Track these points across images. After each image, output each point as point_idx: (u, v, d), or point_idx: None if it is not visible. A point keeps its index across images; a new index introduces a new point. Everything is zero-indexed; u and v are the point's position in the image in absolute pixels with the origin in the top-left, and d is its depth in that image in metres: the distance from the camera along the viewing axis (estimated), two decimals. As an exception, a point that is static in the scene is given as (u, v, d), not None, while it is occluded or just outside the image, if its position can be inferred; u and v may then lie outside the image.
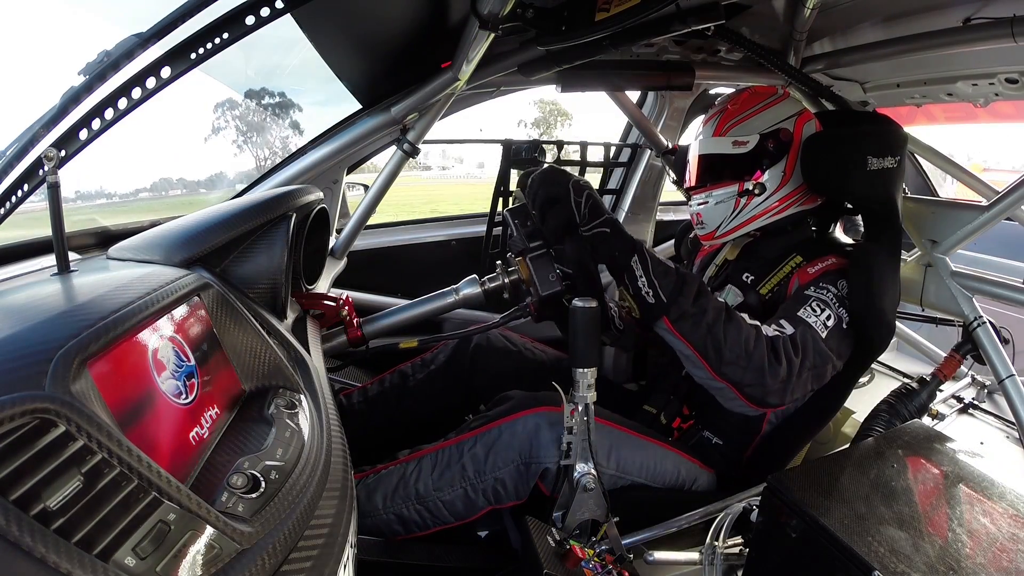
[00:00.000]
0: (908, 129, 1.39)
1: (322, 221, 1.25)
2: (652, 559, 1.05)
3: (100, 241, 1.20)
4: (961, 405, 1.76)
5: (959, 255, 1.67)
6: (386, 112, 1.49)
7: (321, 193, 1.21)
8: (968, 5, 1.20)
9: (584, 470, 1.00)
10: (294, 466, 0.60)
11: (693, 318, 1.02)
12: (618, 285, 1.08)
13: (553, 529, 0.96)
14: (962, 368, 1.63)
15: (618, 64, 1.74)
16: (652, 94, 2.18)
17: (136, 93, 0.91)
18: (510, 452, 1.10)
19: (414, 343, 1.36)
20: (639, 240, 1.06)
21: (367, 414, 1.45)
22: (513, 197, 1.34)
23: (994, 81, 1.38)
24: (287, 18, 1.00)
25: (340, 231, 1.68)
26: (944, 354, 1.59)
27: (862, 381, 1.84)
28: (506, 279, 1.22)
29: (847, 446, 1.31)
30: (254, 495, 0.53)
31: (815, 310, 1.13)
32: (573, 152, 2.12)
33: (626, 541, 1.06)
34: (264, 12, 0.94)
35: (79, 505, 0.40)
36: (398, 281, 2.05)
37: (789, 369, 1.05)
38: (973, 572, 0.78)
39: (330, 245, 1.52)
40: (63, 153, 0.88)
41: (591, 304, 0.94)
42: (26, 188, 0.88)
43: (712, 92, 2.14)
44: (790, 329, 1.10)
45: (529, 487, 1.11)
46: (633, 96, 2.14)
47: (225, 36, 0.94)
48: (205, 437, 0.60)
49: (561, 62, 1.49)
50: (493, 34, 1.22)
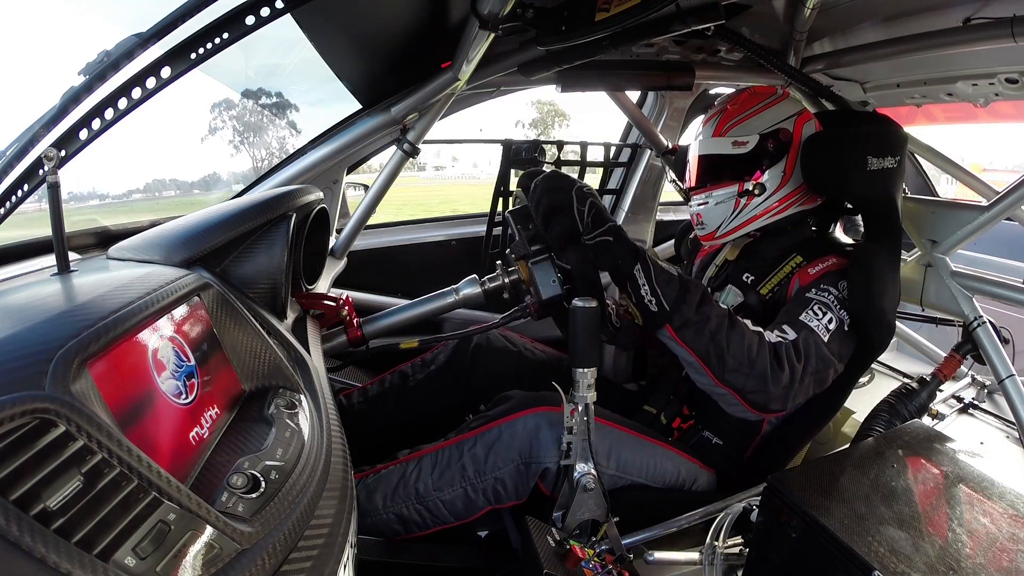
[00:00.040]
0: (908, 129, 1.39)
1: (322, 221, 1.25)
2: (652, 559, 1.05)
3: (100, 241, 1.20)
4: (961, 405, 1.76)
5: (959, 255, 1.67)
6: (386, 112, 1.49)
7: (321, 193, 1.21)
8: (968, 5, 1.20)
9: (584, 470, 1.00)
10: (294, 466, 0.60)
11: (696, 326, 1.02)
12: (620, 292, 1.08)
13: (553, 529, 0.96)
14: (962, 368, 1.63)
15: (618, 64, 1.74)
16: (652, 94, 2.17)
17: (136, 93, 0.91)
18: (510, 452, 1.10)
19: (414, 343, 1.35)
20: (642, 247, 1.06)
21: (367, 414, 1.45)
22: (514, 197, 1.34)
23: (994, 81, 1.38)
24: (287, 18, 1.00)
25: (340, 231, 1.68)
26: (944, 354, 1.59)
27: (862, 381, 1.84)
28: (506, 279, 1.22)
29: (847, 446, 1.31)
30: (254, 495, 0.53)
31: (817, 313, 1.13)
32: (571, 152, 2.12)
33: (626, 541, 1.06)
34: (264, 12, 0.94)
35: (79, 505, 0.40)
36: (398, 281, 2.05)
37: (792, 375, 1.05)
38: (973, 572, 0.78)
39: (330, 245, 1.52)
40: (63, 153, 0.88)
41: (591, 304, 0.94)
42: (26, 188, 0.88)
43: (712, 92, 2.14)
44: (792, 334, 1.10)
45: (529, 487, 1.11)
46: (633, 96, 2.14)
47: (225, 36, 0.94)
48: (205, 437, 0.60)
49: (561, 62, 1.49)
50: (493, 34, 1.22)
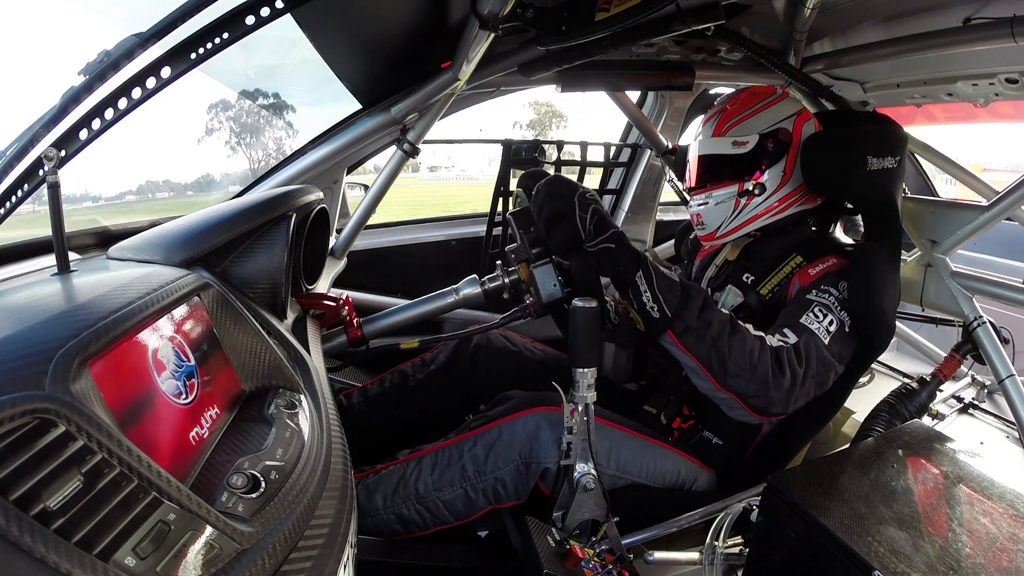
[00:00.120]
0: (908, 129, 1.39)
1: (322, 221, 1.25)
2: (652, 559, 1.05)
3: (100, 241, 1.20)
4: (961, 405, 1.76)
5: (959, 255, 1.67)
6: (386, 112, 1.49)
7: (321, 193, 1.21)
8: (968, 5, 1.20)
9: (584, 470, 1.00)
10: (294, 466, 0.60)
11: (698, 332, 1.02)
12: (622, 299, 1.08)
13: (553, 529, 0.96)
14: (962, 368, 1.63)
15: (618, 64, 1.74)
16: (652, 94, 2.17)
17: (136, 93, 0.91)
18: (510, 452, 1.10)
19: (415, 344, 1.35)
20: (644, 254, 1.06)
21: (367, 414, 1.45)
22: (514, 196, 1.34)
23: (994, 81, 1.37)
24: (287, 18, 1.00)
25: (340, 231, 1.68)
26: (944, 354, 1.59)
27: (862, 381, 1.84)
28: (506, 279, 1.22)
29: (847, 446, 1.30)
30: (254, 495, 0.53)
31: (818, 316, 1.13)
32: (571, 152, 2.12)
33: (626, 541, 1.06)
34: (264, 12, 0.95)
35: (79, 505, 0.40)
36: (398, 281, 2.05)
37: (792, 379, 1.05)
38: (973, 572, 0.78)
39: (330, 245, 1.52)
40: (63, 153, 0.88)
41: (591, 304, 0.94)
42: (26, 188, 0.88)
43: (712, 92, 2.14)
44: (793, 338, 1.10)
45: (529, 487, 1.11)
46: (633, 96, 2.14)
47: (225, 36, 0.94)
48: (205, 437, 0.60)
49: (561, 62, 1.49)
50: (493, 34, 1.22)
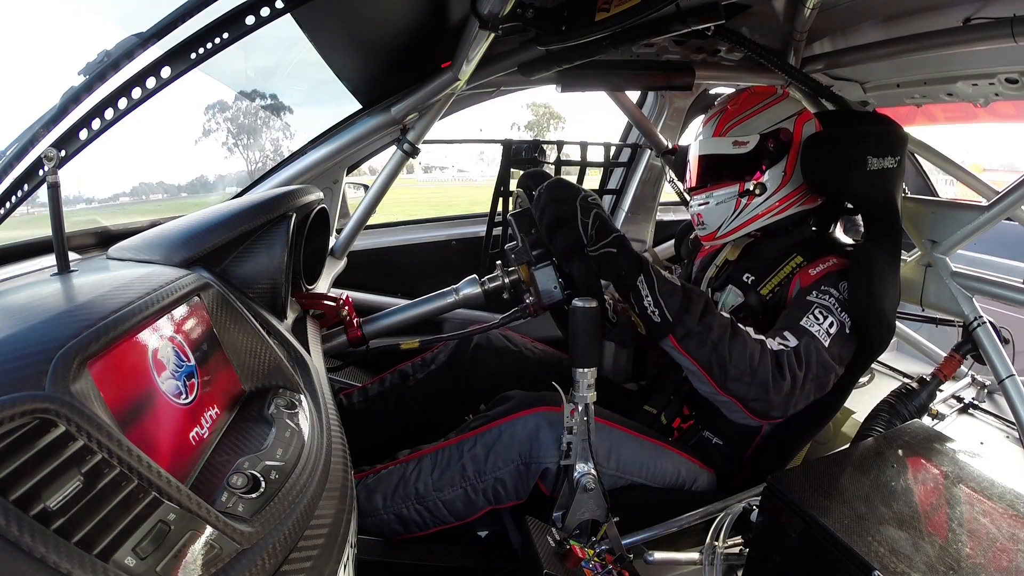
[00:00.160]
0: (908, 129, 1.39)
1: (322, 221, 1.25)
2: (652, 559, 1.05)
3: (100, 241, 1.20)
4: (961, 405, 1.76)
5: (959, 255, 1.67)
6: (386, 112, 1.49)
7: (321, 193, 1.21)
8: (968, 5, 1.20)
9: (584, 470, 1.00)
10: (294, 466, 0.60)
11: (698, 336, 1.02)
12: (623, 302, 1.08)
13: (553, 529, 0.96)
14: (962, 368, 1.63)
15: (618, 64, 1.74)
16: (652, 94, 2.17)
17: (136, 93, 0.91)
18: (510, 452, 1.10)
19: (415, 344, 1.35)
20: (645, 258, 1.06)
21: (367, 414, 1.45)
22: (515, 197, 1.34)
23: (994, 81, 1.37)
24: (287, 18, 1.00)
25: (340, 231, 1.68)
26: (944, 354, 1.59)
27: (862, 381, 1.84)
28: (506, 279, 1.22)
29: (847, 446, 1.30)
30: (254, 495, 0.53)
31: (818, 318, 1.13)
32: (567, 152, 2.12)
33: (626, 541, 1.06)
34: (264, 12, 0.95)
35: (79, 505, 0.40)
36: (398, 281, 2.05)
37: (793, 383, 1.05)
38: (973, 572, 0.78)
39: (330, 245, 1.52)
40: (63, 153, 0.88)
41: (591, 304, 0.94)
42: (26, 188, 0.88)
43: (712, 92, 2.14)
44: (793, 341, 1.10)
45: (529, 487, 1.11)
46: (633, 96, 2.14)
47: (225, 36, 0.94)
48: (205, 437, 0.60)
49: (561, 62, 1.49)
50: (493, 34, 1.22)
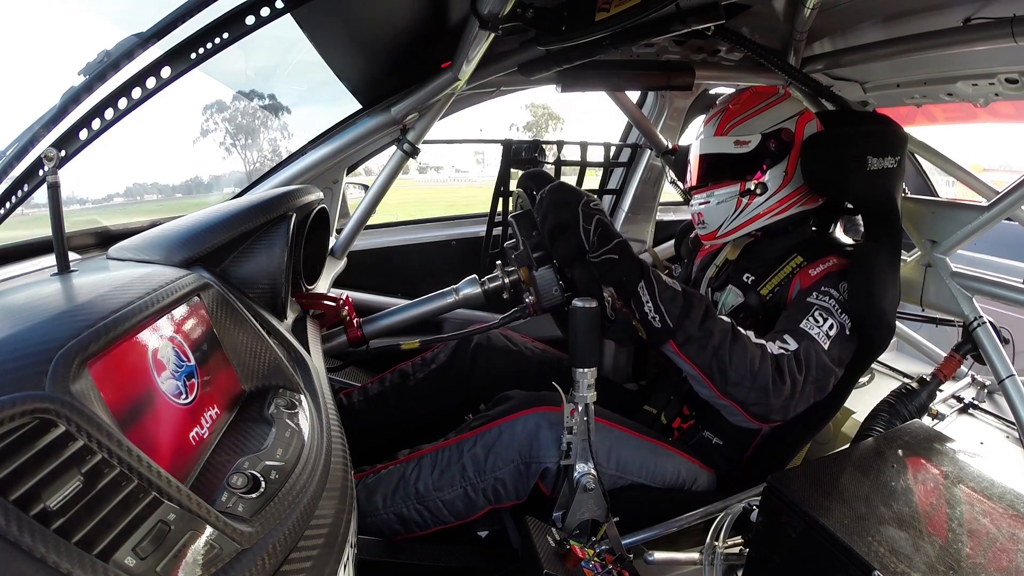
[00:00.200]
0: (908, 129, 1.39)
1: (322, 221, 1.25)
2: (652, 559, 1.05)
3: (100, 241, 1.20)
4: (961, 405, 1.76)
5: (959, 255, 1.67)
6: (386, 112, 1.49)
7: (321, 193, 1.21)
8: (968, 5, 1.20)
9: (584, 470, 1.00)
10: (294, 466, 0.60)
11: (699, 341, 1.02)
12: (624, 307, 1.08)
13: (553, 529, 0.96)
14: (962, 368, 1.63)
15: (618, 64, 1.74)
16: (652, 94, 2.17)
17: (136, 93, 0.91)
18: (510, 452, 1.10)
19: (415, 344, 1.35)
20: (647, 263, 1.06)
21: (367, 413, 1.45)
22: (515, 197, 1.34)
23: (994, 81, 1.37)
24: (287, 18, 1.00)
25: (340, 231, 1.68)
26: (944, 354, 1.59)
27: (862, 381, 1.84)
28: (506, 279, 1.22)
29: (847, 446, 1.31)
30: (254, 495, 0.53)
31: (817, 320, 1.13)
32: (566, 153, 2.12)
33: (626, 541, 1.06)
34: (264, 12, 0.95)
35: (79, 505, 0.40)
36: (398, 281, 2.05)
37: (793, 387, 1.05)
38: (973, 572, 0.78)
39: (330, 245, 1.52)
40: (63, 153, 0.88)
41: (591, 304, 0.95)
42: (26, 188, 0.88)
43: (712, 92, 2.14)
44: (793, 345, 1.10)
45: (529, 487, 1.11)
46: (633, 96, 2.14)
47: (225, 36, 0.94)
48: (205, 437, 0.60)
49: (561, 62, 1.49)
50: (493, 34, 1.22)
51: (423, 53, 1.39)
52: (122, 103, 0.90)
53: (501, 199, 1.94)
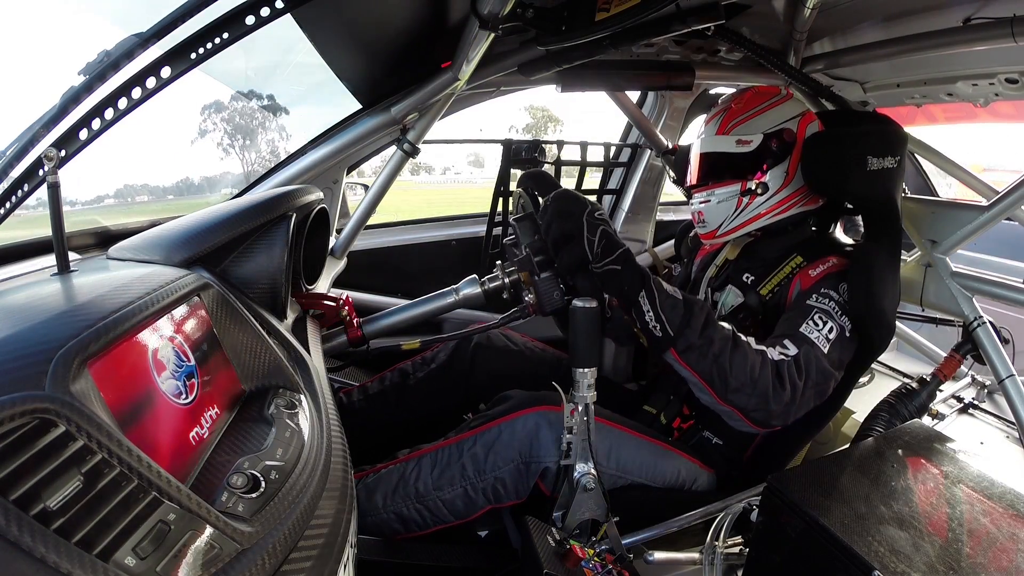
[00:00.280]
0: (908, 129, 1.39)
1: (322, 221, 1.25)
2: (652, 559, 1.05)
3: (100, 241, 1.20)
4: (961, 405, 1.76)
5: (959, 255, 1.67)
6: (386, 112, 1.49)
7: (321, 193, 1.21)
8: (968, 5, 1.20)
9: (584, 470, 1.00)
10: (294, 466, 0.60)
11: (700, 349, 1.02)
12: (625, 315, 1.08)
13: (553, 529, 0.96)
14: (962, 368, 1.63)
15: (618, 64, 1.74)
16: (652, 94, 2.18)
17: (136, 93, 0.91)
18: (510, 451, 1.10)
19: (416, 344, 1.35)
20: (648, 272, 1.06)
21: (367, 412, 1.45)
22: (515, 197, 1.34)
23: (994, 81, 1.37)
24: (287, 18, 1.00)
25: (340, 231, 1.68)
26: (944, 354, 1.59)
27: (862, 381, 1.84)
28: (506, 279, 1.22)
29: (847, 446, 1.31)
30: (254, 495, 0.53)
31: (817, 324, 1.13)
32: (569, 151, 2.12)
33: (626, 541, 1.06)
34: (264, 12, 0.95)
35: (79, 505, 0.40)
36: (398, 281, 2.05)
37: (793, 393, 1.05)
38: (973, 572, 0.78)
39: (330, 245, 1.52)
40: (63, 153, 0.88)
41: (591, 304, 0.95)
42: (26, 188, 0.88)
43: (712, 92, 2.14)
44: (793, 350, 1.10)
45: (529, 487, 1.11)
46: (633, 96, 2.14)
47: (225, 36, 0.94)
48: (205, 437, 0.60)
49: (561, 62, 1.49)
50: (493, 34, 1.22)
51: (423, 53, 1.40)
52: (122, 103, 0.90)
53: (501, 199, 1.94)
